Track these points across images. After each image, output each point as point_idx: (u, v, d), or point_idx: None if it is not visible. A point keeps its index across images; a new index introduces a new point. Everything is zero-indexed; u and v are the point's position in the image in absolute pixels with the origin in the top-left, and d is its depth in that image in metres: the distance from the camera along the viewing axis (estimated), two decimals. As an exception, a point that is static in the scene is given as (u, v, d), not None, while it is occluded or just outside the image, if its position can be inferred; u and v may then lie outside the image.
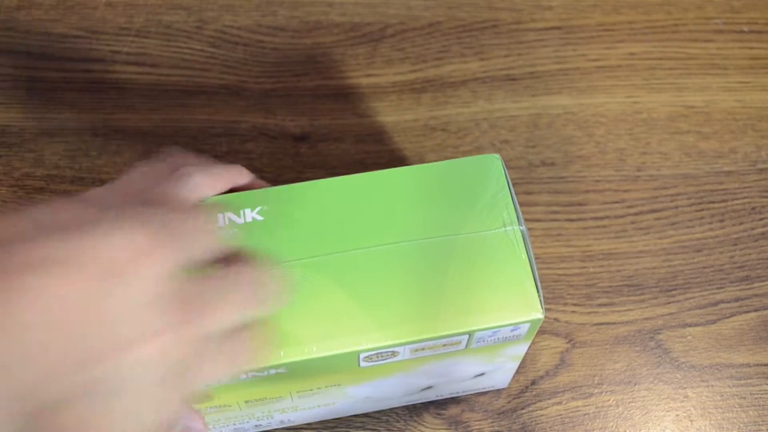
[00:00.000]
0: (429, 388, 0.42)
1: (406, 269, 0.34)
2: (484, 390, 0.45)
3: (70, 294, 0.21)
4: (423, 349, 0.35)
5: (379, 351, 0.34)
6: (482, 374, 0.41)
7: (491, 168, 0.37)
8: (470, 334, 0.34)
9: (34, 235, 0.22)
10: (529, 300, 0.34)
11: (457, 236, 0.35)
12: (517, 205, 0.36)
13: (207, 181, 0.34)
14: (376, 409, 0.45)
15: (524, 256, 0.35)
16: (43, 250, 0.21)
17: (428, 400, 0.44)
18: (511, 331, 0.35)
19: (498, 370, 0.41)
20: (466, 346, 0.35)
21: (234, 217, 0.35)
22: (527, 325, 0.35)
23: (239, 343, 0.28)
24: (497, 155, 0.37)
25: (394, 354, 0.35)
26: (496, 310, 0.34)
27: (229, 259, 0.29)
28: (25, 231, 0.22)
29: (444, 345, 0.35)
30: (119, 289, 0.22)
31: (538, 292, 0.34)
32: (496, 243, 0.35)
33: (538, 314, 0.34)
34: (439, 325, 0.34)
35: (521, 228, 0.35)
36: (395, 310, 0.34)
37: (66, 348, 0.21)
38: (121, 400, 0.23)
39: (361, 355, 0.34)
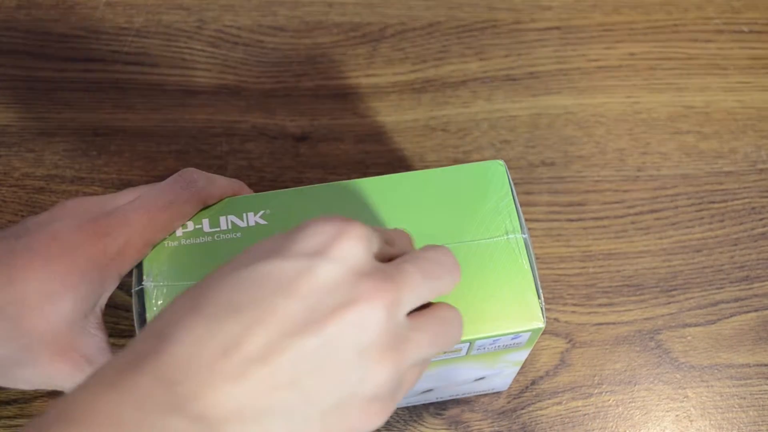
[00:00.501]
0: (429, 390, 0.42)
1: None
2: (484, 392, 0.45)
3: (285, 269, 0.26)
4: None
5: None
6: (482, 378, 0.41)
7: (495, 174, 0.37)
8: (471, 342, 0.34)
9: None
10: (530, 309, 0.34)
11: (459, 243, 0.35)
12: (521, 213, 0.36)
13: (210, 187, 0.36)
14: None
15: (526, 264, 0.35)
16: (262, 247, 0.28)
17: (429, 401, 0.44)
18: (512, 339, 0.35)
19: (499, 374, 0.41)
20: (467, 353, 0.35)
21: (237, 221, 0.35)
22: (528, 334, 0.34)
23: (436, 317, 0.29)
24: (501, 161, 0.37)
25: None
26: (497, 319, 0.34)
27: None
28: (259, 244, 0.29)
29: (444, 352, 0.35)
30: (316, 267, 0.26)
31: (539, 300, 0.34)
32: (498, 251, 0.35)
33: (539, 323, 0.34)
34: None
35: (524, 236, 0.35)
36: None
37: (283, 313, 0.25)
38: (326, 366, 0.25)
39: None
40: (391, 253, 0.30)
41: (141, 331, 0.26)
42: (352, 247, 0.27)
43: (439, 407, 0.45)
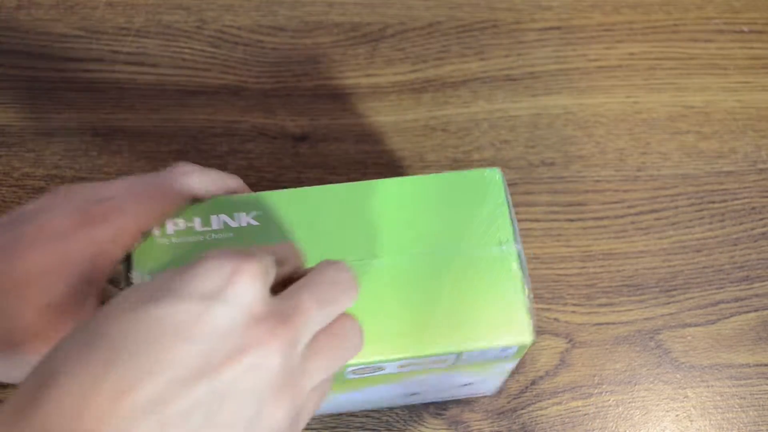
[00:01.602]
0: (415, 394, 0.41)
1: (398, 283, 0.34)
2: (471, 396, 0.45)
3: (179, 312, 0.25)
4: (410, 365, 0.34)
5: (365, 366, 0.33)
6: (470, 384, 0.41)
7: (491, 183, 0.36)
8: (458, 354, 0.34)
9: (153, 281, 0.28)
10: (519, 322, 0.33)
11: (452, 252, 0.35)
12: (515, 222, 0.35)
13: (203, 179, 0.35)
14: (370, 408, 0.45)
15: (518, 276, 0.34)
16: (157, 285, 0.26)
17: (427, 401, 0.44)
18: (501, 351, 0.34)
19: (486, 381, 0.40)
20: (455, 363, 0.35)
21: (228, 221, 0.35)
22: (516, 347, 0.34)
23: (334, 336, 0.29)
24: (498, 169, 0.37)
25: (381, 368, 0.34)
26: (486, 332, 0.33)
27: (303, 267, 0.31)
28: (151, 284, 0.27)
29: (432, 362, 0.34)
30: (211, 310, 0.25)
31: (529, 314, 0.34)
32: (491, 261, 0.34)
33: (528, 338, 0.33)
34: (428, 343, 0.33)
35: (517, 247, 0.35)
36: (385, 325, 0.33)
37: (176, 359, 0.24)
38: (219, 413, 0.25)
39: (348, 369, 0.33)
40: (284, 273, 0.29)
41: (29, 374, 0.25)
42: (248, 287, 0.26)
43: (439, 407, 0.45)
